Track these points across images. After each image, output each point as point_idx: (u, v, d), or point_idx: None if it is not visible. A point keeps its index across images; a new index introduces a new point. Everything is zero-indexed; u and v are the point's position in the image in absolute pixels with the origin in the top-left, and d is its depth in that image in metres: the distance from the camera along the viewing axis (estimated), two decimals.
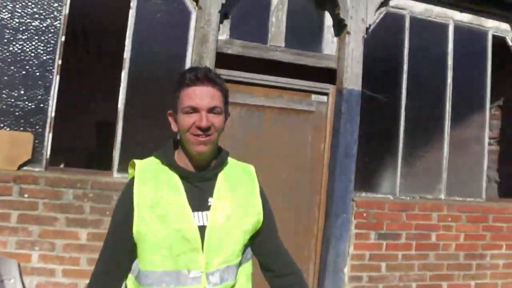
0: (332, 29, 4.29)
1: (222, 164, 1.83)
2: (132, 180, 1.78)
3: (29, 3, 3.69)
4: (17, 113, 3.65)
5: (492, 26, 4.86)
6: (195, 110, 1.70)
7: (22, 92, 3.67)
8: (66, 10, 3.74)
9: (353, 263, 4.20)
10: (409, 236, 4.39)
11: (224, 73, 3.93)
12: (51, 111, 3.70)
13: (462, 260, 4.62)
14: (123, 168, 3.74)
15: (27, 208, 3.53)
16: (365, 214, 4.23)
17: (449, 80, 4.64)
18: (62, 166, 3.89)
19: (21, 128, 3.65)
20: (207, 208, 1.75)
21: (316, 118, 4.24)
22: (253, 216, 1.83)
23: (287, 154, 4.15)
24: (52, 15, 3.72)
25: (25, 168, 3.63)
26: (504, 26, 4.91)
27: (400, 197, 4.45)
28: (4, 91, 3.64)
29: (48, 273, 3.56)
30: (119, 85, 3.81)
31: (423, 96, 4.57)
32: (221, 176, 1.82)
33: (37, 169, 3.65)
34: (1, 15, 3.64)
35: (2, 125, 3.62)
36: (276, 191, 4.07)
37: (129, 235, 1.73)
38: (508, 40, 4.94)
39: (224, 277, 1.75)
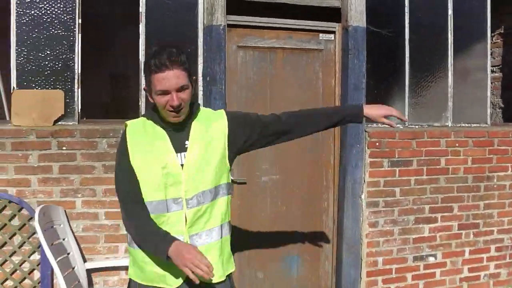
0: None
1: (193, 116, 2.25)
2: (124, 132, 2.24)
3: None
4: (46, 73, 3.89)
5: None
6: (165, 92, 2.07)
7: (48, 52, 3.89)
8: None
9: (369, 189, 4.50)
10: (420, 163, 4.66)
11: (234, 19, 4.15)
12: (78, 68, 3.94)
13: (470, 183, 4.89)
14: None
15: (66, 159, 3.82)
16: (377, 144, 4.49)
17: (450, 11, 4.81)
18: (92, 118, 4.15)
19: (52, 87, 3.91)
20: (185, 149, 2.20)
21: (325, 55, 4.46)
22: (218, 152, 2.25)
23: (300, 92, 4.39)
24: None
25: (59, 123, 3.90)
26: None
27: (409, 126, 4.70)
28: (31, 53, 3.87)
29: (92, 217, 3.89)
30: (137, 39, 4.04)
31: (426, 28, 4.76)
32: (194, 124, 2.25)
33: (70, 123, 3.92)
34: None
35: (33, 85, 3.88)
36: None
37: (131, 168, 2.16)
38: None
39: (199, 200, 2.18)
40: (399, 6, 4.63)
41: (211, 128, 2.26)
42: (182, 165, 2.17)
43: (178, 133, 2.21)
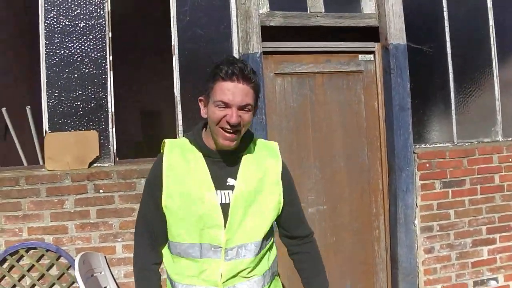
0: None
1: (244, 149, 1.93)
2: (161, 155, 1.92)
3: (72, 5, 3.76)
4: (78, 114, 3.74)
5: None
6: (226, 105, 1.77)
7: (80, 92, 3.75)
8: (108, 6, 3.80)
9: (422, 214, 4.22)
10: (473, 181, 4.39)
11: (270, 45, 3.97)
12: (111, 107, 3.78)
13: None
14: None
15: (104, 202, 3.64)
16: (427, 165, 4.23)
17: (491, 21, 4.59)
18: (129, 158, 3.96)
19: (85, 128, 3.75)
20: (228, 187, 1.86)
21: (366, 76, 4.24)
22: (273, 200, 1.93)
23: (342, 116, 4.17)
24: (95, 13, 3.78)
25: (95, 165, 3.73)
26: None
27: (458, 144, 4.44)
28: (62, 95, 3.73)
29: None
30: (169, 72, 3.87)
31: (467, 41, 4.54)
32: (245, 159, 1.92)
33: (106, 164, 3.75)
34: (47, 21, 3.71)
35: (66, 127, 3.72)
36: (337, 155, 4.10)
37: (159, 206, 1.87)
38: None
39: (240, 253, 1.85)
40: (438, 20, 4.43)
41: (264, 166, 1.94)
42: (223, 204, 1.84)
43: (221, 166, 1.89)
